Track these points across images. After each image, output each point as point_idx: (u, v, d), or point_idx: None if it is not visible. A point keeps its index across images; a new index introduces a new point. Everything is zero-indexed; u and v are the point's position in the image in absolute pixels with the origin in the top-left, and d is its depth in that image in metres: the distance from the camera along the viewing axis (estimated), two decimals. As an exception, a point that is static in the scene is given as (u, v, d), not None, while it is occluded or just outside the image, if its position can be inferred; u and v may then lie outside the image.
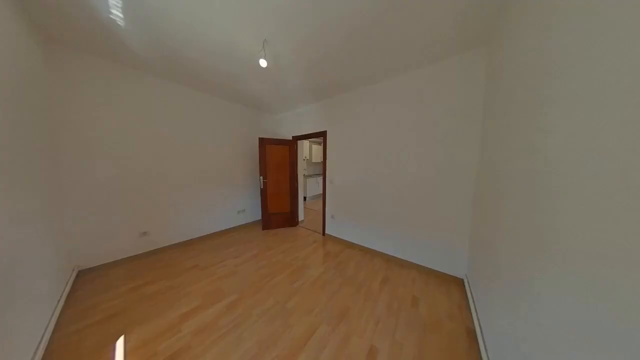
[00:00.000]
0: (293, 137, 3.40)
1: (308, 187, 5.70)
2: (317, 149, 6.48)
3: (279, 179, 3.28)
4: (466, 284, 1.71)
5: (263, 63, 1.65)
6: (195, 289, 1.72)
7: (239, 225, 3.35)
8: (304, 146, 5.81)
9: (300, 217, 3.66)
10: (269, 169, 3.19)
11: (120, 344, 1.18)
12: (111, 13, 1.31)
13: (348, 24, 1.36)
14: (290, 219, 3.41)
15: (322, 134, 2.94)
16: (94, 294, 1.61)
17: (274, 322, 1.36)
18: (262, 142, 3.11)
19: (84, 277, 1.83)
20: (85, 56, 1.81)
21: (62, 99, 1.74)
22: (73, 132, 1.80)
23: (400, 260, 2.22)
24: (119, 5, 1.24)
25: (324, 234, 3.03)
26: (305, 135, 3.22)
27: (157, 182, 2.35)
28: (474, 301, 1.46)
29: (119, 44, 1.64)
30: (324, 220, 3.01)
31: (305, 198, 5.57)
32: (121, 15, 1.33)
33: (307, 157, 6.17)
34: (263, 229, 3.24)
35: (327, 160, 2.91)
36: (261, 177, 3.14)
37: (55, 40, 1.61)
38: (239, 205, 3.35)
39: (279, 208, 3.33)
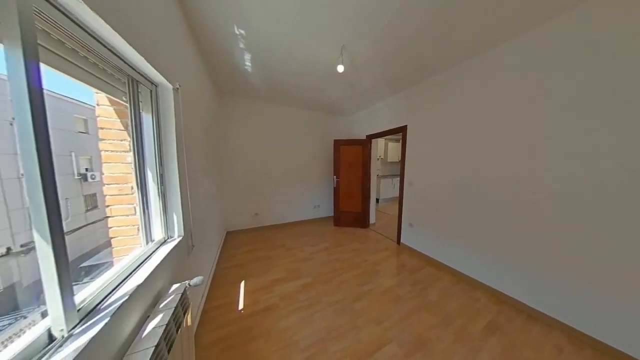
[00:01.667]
0: (367, 136, 3.30)
1: (382, 188, 5.31)
2: (393, 147, 5.85)
3: (351, 178, 3.33)
4: None
5: (340, 68, 1.74)
6: (282, 263, 2.18)
7: (315, 219, 3.80)
8: (379, 145, 5.45)
9: (372, 219, 3.50)
10: (341, 169, 3.33)
11: (242, 286, 1.77)
12: (246, 64, 1.96)
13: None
14: (361, 220, 3.36)
15: (401, 130, 2.60)
16: (232, 248, 2.53)
17: (341, 316, 1.42)
18: (337, 143, 3.31)
19: (229, 237, 2.93)
20: (233, 97, 2.87)
21: (223, 126, 2.86)
22: (227, 146, 2.92)
23: (528, 309, 1.48)
24: (249, 57, 1.84)
25: (398, 242, 2.69)
26: (380, 133, 3.02)
27: (264, 178, 3.24)
28: None
29: (248, 83, 2.42)
30: (399, 227, 2.68)
31: (377, 200, 5.25)
32: (250, 64, 1.96)
33: (382, 157, 5.74)
34: (334, 225, 3.46)
35: (406, 159, 2.55)
36: (334, 177, 3.36)
37: (221, 90, 2.68)
38: (316, 200, 3.80)
39: (350, 207, 3.38)
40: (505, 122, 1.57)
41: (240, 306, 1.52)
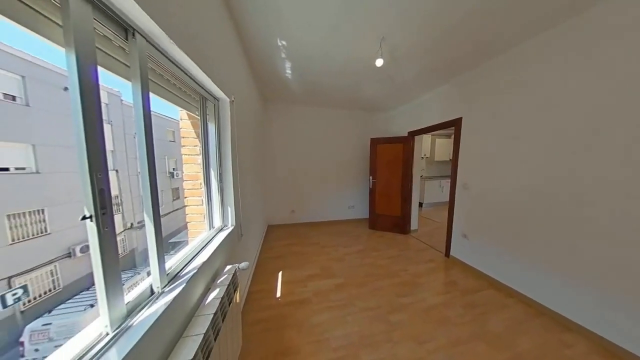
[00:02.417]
0: (409, 132, 2.99)
1: (427, 191, 4.70)
2: (442, 144, 5.08)
3: (390, 179, 3.09)
4: None
5: (379, 62, 1.64)
6: (316, 260, 2.24)
7: (349, 219, 3.73)
8: (424, 142, 4.81)
9: (413, 225, 3.15)
10: (378, 169, 3.15)
11: (280, 276, 1.93)
12: (286, 72, 2.13)
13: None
14: (400, 225, 3.08)
15: (454, 123, 2.22)
16: (272, 241, 2.79)
17: (375, 324, 1.34)
18: (374, 142, 3.14)
19: (269, 230, 3.25)
20: (275, 103, 3.16)
21: (266, 130, 3.20)
22: (269, 148, 3.25)
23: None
24: (289, 65, 1.98)
25: (447, 254, 2.32)
26: (426, 128, 2.67)
27: (301, 177, 3.42)
28: None
29: (288, 90, 2.62)
30: (449, 237, 2.30)
31: (421, 204, 4.67)
32: (290, 72, 2.11)
33: (427, 155, 5.08)
34: (369, 227, 3.30)
35: (459, 158, 2.17)
36: (370, 177, 3.20)
37: (265, 97, 2.99)
38: (350, 201, 3.73)
39: (388, 210, 3.15)
40: (628, 103, 1.10)
41: (278, 294, 1.66)
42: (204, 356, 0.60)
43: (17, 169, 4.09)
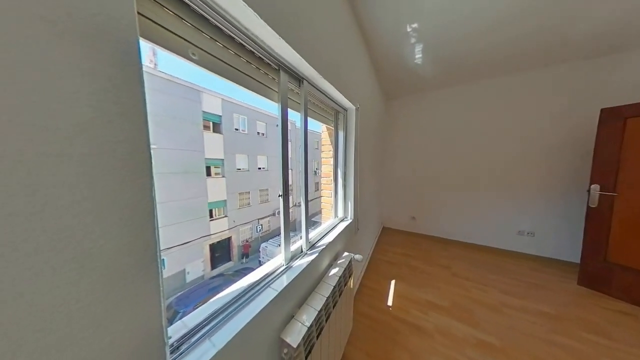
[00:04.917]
0: None
1: None
2: None
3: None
4: None
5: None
6: (445, 289, 1.72)
7: (518, 252, 2.31)
8: None
9: None
10: (627, 170, 1.52)
11: (392, 284, 1.80)
12: (415, 59, 1.87)
13: None
14: None
15: None
16: (386, 244, 2.67)
17: None
18: (613, 115, 1.58)
19: (384, 231, 3.15)
20: (398, 99, 2.93)
21: (387, 128, 3.09)
22: (389, 147, 3.11)
23: None
24: (420, 49, 1.71)
25: None
26: None
27: (427, 180, 2.85)
28: None
29: (416, 76, 2.28)
30: None
31: None
32: (420, 56, 1.82)
33: None
34: (580, 283, 1.74)
35: None
36: (595, 186, 1.65)
37: (388, 95, 2.89)
38: (523, 224, 2.28)
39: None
40: None
41: (389, 302, 1.56)
42: (325, 314, 0.77)
43: (263, 168, 8.98)
